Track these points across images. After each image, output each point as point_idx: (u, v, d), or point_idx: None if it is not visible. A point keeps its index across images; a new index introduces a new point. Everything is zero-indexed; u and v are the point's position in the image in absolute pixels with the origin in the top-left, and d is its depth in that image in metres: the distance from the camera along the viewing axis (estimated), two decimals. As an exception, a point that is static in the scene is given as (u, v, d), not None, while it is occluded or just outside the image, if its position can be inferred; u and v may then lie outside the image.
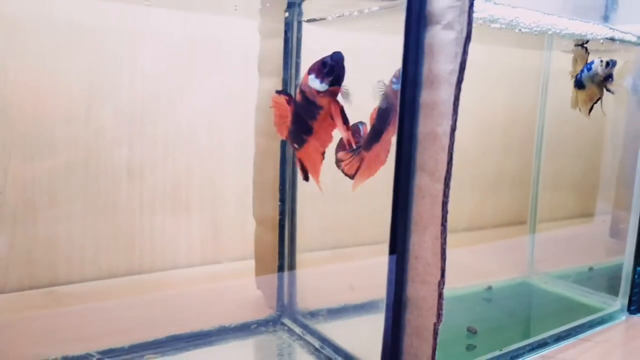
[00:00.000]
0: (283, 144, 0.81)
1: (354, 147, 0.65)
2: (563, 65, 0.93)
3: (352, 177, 0.67)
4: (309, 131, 0.64)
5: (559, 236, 1.11)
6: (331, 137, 0.65)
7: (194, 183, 1.08)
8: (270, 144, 0.84)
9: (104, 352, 0.69)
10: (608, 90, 0.87)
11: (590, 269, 1.07)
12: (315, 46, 0.75)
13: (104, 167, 0.98)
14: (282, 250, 0.82)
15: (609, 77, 0.86)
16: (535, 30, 0.68)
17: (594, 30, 0.79)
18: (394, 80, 0.61)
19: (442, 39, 0.55)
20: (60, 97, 0.91)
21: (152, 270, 1.05)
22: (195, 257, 1.11)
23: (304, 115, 0.63)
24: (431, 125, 0.57)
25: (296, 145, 0.67)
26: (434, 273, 0.58)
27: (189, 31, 0.99)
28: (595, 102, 0.88)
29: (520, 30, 0.68)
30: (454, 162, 0.56)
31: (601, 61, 0.85)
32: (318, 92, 0.61)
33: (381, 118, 0.64)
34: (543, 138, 1.01)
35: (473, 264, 1.03)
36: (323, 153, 0.66)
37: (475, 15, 0.56)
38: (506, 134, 1.18)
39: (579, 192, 1.16)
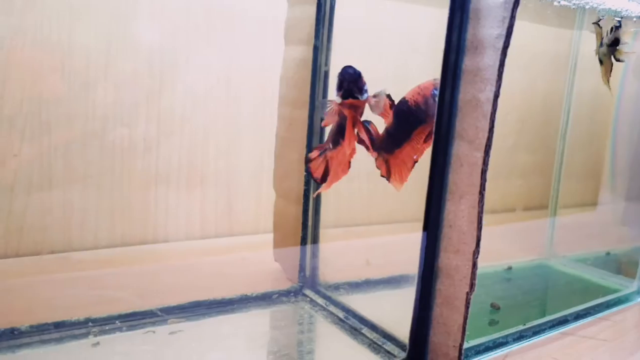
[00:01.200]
0: (311, 114, 0.80)
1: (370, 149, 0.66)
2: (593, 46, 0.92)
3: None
4: (342, 137, 0.66)
5: (579, 221, 1.12)
6: (354, 148, 0.67)
7: (209, 156, 1.08)
8: (295, 114, 0.83)
9: (128, 315, 0.69)
10: (617, 59, 0.87)
11: (608, 253, 1.08)
12: (349, 14, 0.75)
13: (120, 137, 0.97)
14: (305, 221, 0.82)
15: (614, 44, 0.85)
16: (574, 4, 0.67)
17: (629, 7, 0.79)
18: (434, 92, 0.62)
19: (489, 3, 0.55)
20: (77, 65, 0.90)
21: (166, 241, 1.05)
22: (209, 229, 1.11)
23: (340, 124, 0.66)
24: (473, 91, 0.57)
25: (331, 146, 0.69)
26: (469, 242, 0.58)
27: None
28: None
29: (559, 3, 0.68)
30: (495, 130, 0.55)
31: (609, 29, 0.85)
32: (339, 104, 0.64)
33: (401, 125, 0.65)
34: (569, 122, 1.01)
35: (493, 245, 1.03)
36: (348, 162, 0.68)
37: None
38: (532, 117, 1.17)
39: (601, 178, 1.16)
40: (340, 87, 0.63)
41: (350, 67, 0.63)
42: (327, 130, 0.80)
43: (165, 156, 1.03)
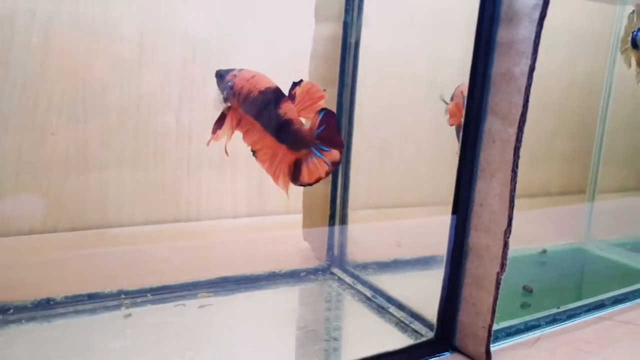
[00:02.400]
0: (340, 92, 0.79)
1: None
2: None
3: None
4: None
5: (618, 206, 1.08)
6: None
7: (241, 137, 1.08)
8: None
9: (159, 289, 0.70)
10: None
11: (649, 238, 1.04)
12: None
13: (155, 119, 0.98)
14: (334, 200, 0.81)
15: None
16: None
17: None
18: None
19: (525, -28, 0.52)
20: (116, 50, 0.91)
21: (199, 219, 1.07)
22: (241, 209, 1.12)
23: None
24: (507, 65, 0.54)
25: None
26: (501, 221, 0.56)
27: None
28: None
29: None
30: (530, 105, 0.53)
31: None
32: None
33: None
34: (609, 105, 0.97)
35: (529, 228, 1.01)
36: None
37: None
38: (571, 98, 1.13)
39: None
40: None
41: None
42: (356, 107, 0.79)
43: (199, 137, 1.04)
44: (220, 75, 0.61)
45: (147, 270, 0.77)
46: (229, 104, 0.61)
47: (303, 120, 0.58)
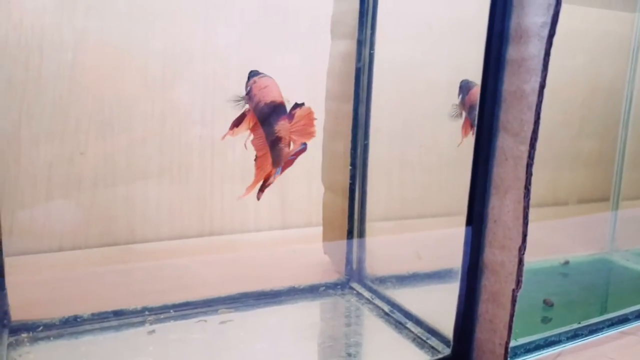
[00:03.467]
0: (355, 107, 0.80)
1: None
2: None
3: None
4: None
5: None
6: None
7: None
8: (342, 108, 0.83)
9: (181, 305, 0.71)
10: None
11: (678, 248, 1.00)
12: (392, 7, 0.73)
13: (179, 134, 1.01)
14: (351, 215, 0.82)
15: None
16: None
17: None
18: None
19: (533, -11, 0.52)
20: (138, 69, 0.94)
21: (222, 233, 1.08)
22: (263, 223, 1.13)
23: None
24: (517, 82, 0.54)
25: None
26: (515, 238, 0.56)
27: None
28: None
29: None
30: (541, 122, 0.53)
31: None
32: None
33: None
34: (631, 111, 0.95)
35: (551, 239, 0.99)
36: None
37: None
38: (591, 106, 1.11)
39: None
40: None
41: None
42: (372, 122, 0.79)
43: (220, 152, 1.06)
44: (249, 77, 0.63)
45: (171, 286, 0.79)
46: (247, 106, 0.63)
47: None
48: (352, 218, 0.82)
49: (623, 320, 0.75)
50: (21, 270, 0.85)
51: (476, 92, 0.57)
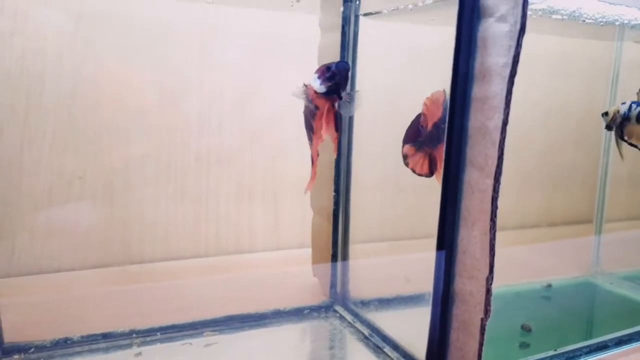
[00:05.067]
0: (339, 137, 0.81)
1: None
2: (636, 56, 0.87)
3: (425, 174, 0.68)
4: (311, 128, 0.66)
5: (630, 236, 1.05)
6: (322, 138, 0.67)
7: (257, 172, 1.11)
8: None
9: (168, 327, 0.73)
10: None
11: (664, 272, 1.00)
12: (371, 40, 0.75)
13: (175, 156, 1.03)
14: (335, 239, 0.83)
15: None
16: (601, 22, 0.64)
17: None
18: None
19: (495, 31, 0.54)
20: (135, 91, 0.97)
21: (217, 254, 1.10)
22: (257, 244, 1.14)
23: (307, 113, 0.66)
24: (482, 119, 0.56)
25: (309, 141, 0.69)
26: (482, 268, 0.57)
27: (254, 27, 1.02)
28: None
29: (584, 21, 0.65)
30: (505, 157, 0.54)
31: None
32: (317, 93, 0.63)
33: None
34: (612, 133, 0.95)
35: (533, 261, 0.99)
36: (317, 152, 0.68)
37: (533, 6, 0.54)
38: (575, 129, 1.12)
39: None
40: (329, 78, 0.62)
41: (345, 62, 0.62)
42: (354, 148, 0.81)
43: (215, 173, 1.08)
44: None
45: (160, 309, 0.80)
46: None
47: None
48: (335, 242, 0.83)
49: (602, 347, 0.75)
50: (19, 291, 0.87)
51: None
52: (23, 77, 0.89)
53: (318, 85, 0.63)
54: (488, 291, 0.57)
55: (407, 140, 0.67)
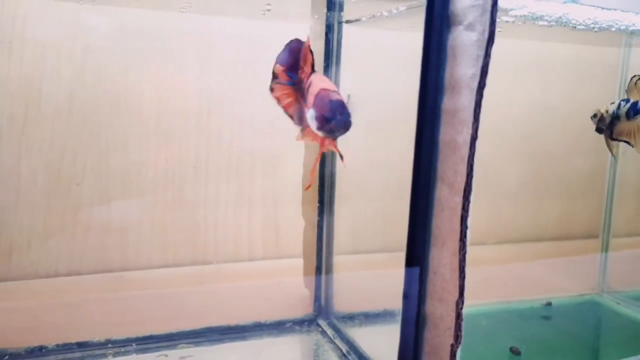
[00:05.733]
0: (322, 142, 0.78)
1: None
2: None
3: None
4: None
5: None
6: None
7: (257, 180, 1.09)
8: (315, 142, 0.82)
9: (144, 338, 0.72)
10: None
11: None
12: (353, 47, 0.72)
13: (172, 163, 1.02)
14: (320, 251, 0.80)
15: None
16: (594, 27, 0.59)
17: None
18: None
19: (463, 40, 0.50)
20: (131, 98, 0.97)
21: (215, 262, 1.09)
22: (257, 252, 1.12)
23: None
24: (451, 133, 0.52)
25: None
26: (452, 291, 0.53)
27: (244, 32, 1.00)
28: None
29: (575, 27, 0.60)
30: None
31: None
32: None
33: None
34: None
35: (533, 277, 0.94)
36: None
37: (514, 12, 0.50)
38: (580, 137, 1.05)
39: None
40: (329, 131, 0.56)
41: (346, 114, 0.55)
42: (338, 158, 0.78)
43: (214, 180, 1.06)
44: None
45: (142, 317, 0.79)
46: None
47: None
48: (320, 254, 0.80)
49: (597, 373, 0.70)
50: (4, 296, 0.87)
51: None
52: (21, 85, 0.90)
53: (315, 129, 0.58)
54: (458, 315, 0.53)
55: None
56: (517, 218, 1.19)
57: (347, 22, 0.73)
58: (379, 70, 0.77)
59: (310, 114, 0.57)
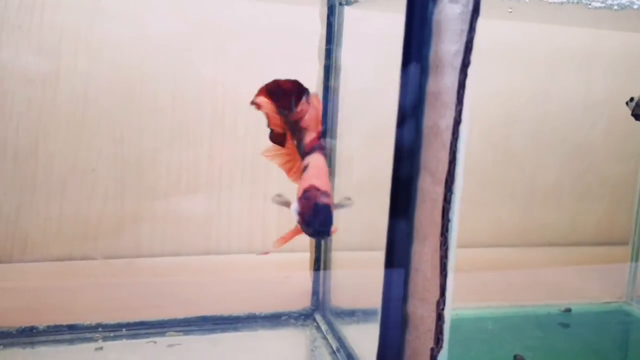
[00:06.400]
0: (324, 132, 0.74)
1: None
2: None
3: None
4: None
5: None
6: None
7: (272, 172, 1.06)
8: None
9: (135, 324, 0.70)
10: None
11: None
12: (353, 30, 0.68)
13: (186, 153, 1.01)
14: (318, 244, 0.76)
15: None
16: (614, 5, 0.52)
17: None
18: None
19: (447, 14, 0.45)
20: (149, 94, 0.96)
21: (228, 252, 1.07)
22: (270, 244, 1.09)
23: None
24: (434, 117, 0.46)
25: None
26: (433, 290, 0.48)
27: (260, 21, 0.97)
28: None
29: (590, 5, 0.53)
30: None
31: None
32: None
33: None
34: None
35: (556, 281, 0.86)
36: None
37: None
38: (610, 131, 0.95)
39: None
40: (303, 224, 0.52)
41: (325, 213, 0.52)
42: (338, 148, 0.74)
43: (228, 171, 1.05)
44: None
45: (138, 305, 0.78)
46: None
47: None
48: (318, 248, 0.76)
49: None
50: (18, 277, 0.89)
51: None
52: (39, 72, 0.91)
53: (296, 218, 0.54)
54: (439, 317, 0.48)
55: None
56: (551, 221, 1.10)
57: (347, 3, 0.68)
58: (377, 54, 0.72)
59: (294, 206, 0.54)
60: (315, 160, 0.55)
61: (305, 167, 0.55)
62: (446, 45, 0.45)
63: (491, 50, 1.04)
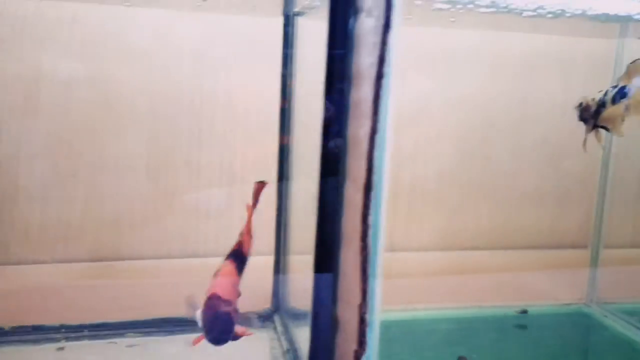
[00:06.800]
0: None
1: None
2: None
3: None
4: None
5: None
6: None
7: (270, 175, 1.07)
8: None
9: (97, 325, 0.72)
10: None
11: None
12: (305, 41, 0.69)
13: (184, 156, 1.02)
14: (278, 246, 0.77)
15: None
16: (537, 12, 0.53)
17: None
18: None
19: (364, 27, 0.46)
20: (127, 102, 0.98)
21: (209, 255, 1.08)
22: (260, 246, 1.10)
23: None
24: (355, 126, 0.47)
25: None
26: (356, 294, 0.49)
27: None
28: None
29: (521, 14, 0.54)
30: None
31: None
32: None
33: None
34: (612, 141, 0.79)
35: (516, 283, 0.85)
36: None
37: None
38: (572, 134, 0.94)
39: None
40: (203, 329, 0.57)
41: (225, 323, 0.57)
42: (294, 149, 0.75)
43: (208, 176, 1.06)
44: None
45: (113, 306, 0.79)
46: None
47: None
48: (278, 249, 0.77)
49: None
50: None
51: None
52: (21, 79, 0.94)
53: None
54: (362, 320, 0.49)
55: None
56: (530, 224, 1.10)
57: (299, 14, 0.70)
58: (317, 63, 0.73)
59: (197, 313, 0.60)
60: (226, 267, 0.62)
61: (216, 273, 0.61)
62: (364, 58, 0.46)
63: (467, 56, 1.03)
